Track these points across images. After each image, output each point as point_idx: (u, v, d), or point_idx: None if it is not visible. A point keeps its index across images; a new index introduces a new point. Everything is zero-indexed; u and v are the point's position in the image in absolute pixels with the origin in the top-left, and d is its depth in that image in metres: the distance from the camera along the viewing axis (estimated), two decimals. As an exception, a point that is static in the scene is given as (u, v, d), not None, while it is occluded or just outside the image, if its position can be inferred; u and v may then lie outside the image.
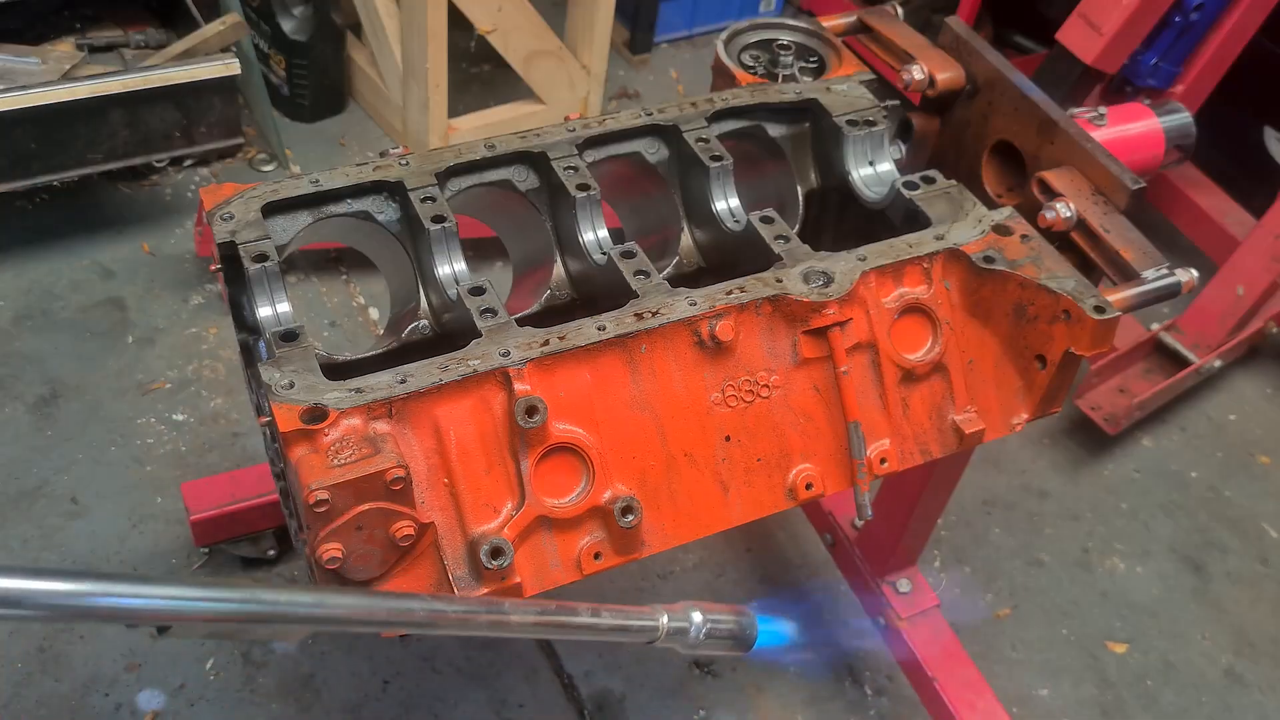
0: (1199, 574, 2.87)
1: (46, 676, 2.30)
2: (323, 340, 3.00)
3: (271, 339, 1.39)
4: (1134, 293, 1.63)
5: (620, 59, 4.18)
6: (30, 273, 3.07)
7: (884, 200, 1.75)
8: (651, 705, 2.43)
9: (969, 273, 1.61)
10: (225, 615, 0.89)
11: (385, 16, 3.38)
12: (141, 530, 2.56)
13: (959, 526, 2.88)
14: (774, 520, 2.80)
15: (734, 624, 1.13)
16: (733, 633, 1.13)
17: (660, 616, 1.08)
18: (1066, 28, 2.91)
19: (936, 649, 2.31)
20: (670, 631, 1.09)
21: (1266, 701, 2.63)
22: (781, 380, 1.52)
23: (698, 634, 1.10)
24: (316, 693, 2.35)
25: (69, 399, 2.78)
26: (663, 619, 1.09)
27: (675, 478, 1.47)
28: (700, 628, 1.10)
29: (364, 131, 3.69)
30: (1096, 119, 2.03)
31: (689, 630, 1.10)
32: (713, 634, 1.12)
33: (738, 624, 1.14)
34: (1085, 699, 2.58)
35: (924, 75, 1.91)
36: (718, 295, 1.48)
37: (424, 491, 1.35)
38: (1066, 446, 3.11)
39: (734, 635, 1.13)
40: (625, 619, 1.06)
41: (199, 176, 3.41)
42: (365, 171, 1.60)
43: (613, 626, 1.07)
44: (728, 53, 1.94)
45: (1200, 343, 3.13)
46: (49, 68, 3.01)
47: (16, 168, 2.79)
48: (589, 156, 1.73)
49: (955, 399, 1.62)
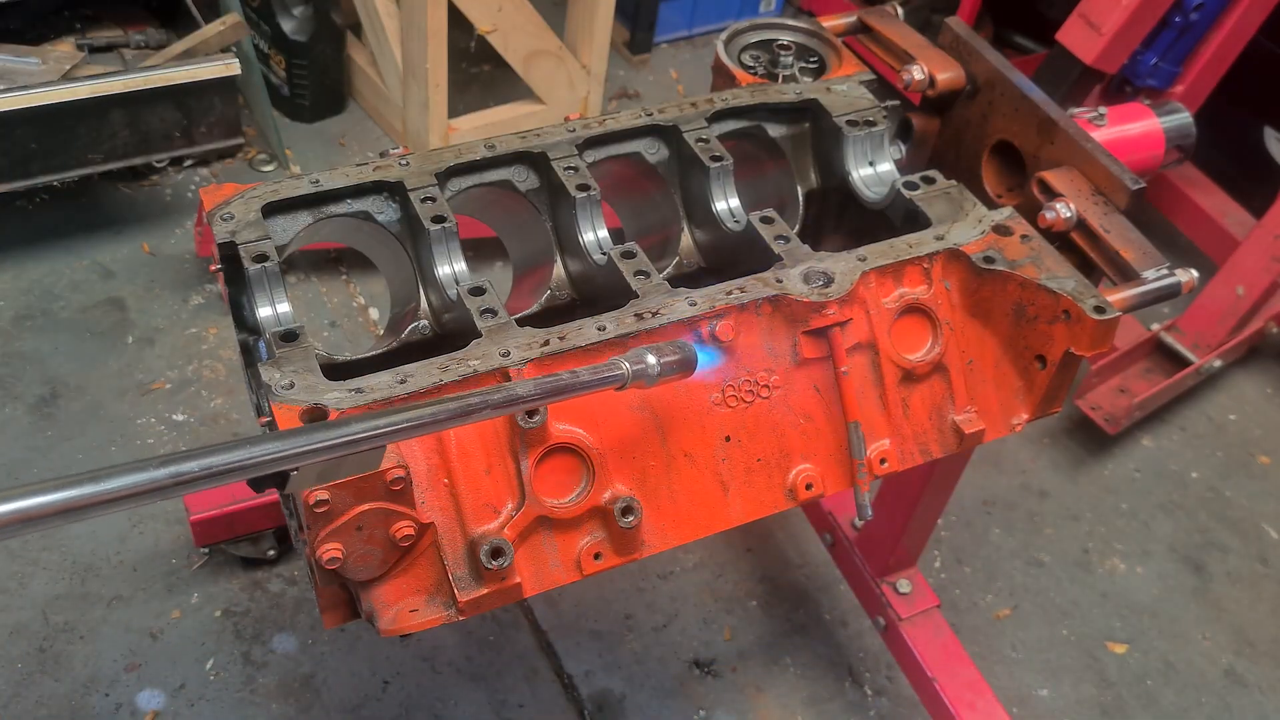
0: (1199, 574, 2.87)
1: (46, 676, 2.30)
2: (323, 340, 3.00)
3: (271, 339, 1.39)
4: (1134, 293, 1.63)
5: (620, 59, 4.18)
6: (30, 273, 3.07)
7: (884, 200, 1.75)
8: (651, 705, 2.43)
9: (969, 273, 1.61)
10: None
11: (385, 16, 3.38)
12: (141, 530, 2.56)
13: (959, 526, 2.88)
14: (774, 520, 2.80)
15: (679, 357, 1.32)
16: (679, 362, 1.32)
17: (623, 365, 1.27)
18: (1066, 28, 2.91)
19: (936, 649, 2.31)
20: (633, 374, 1.27)
21: (1266, 701, 2.63)
22: (781, 380, 1.52)
23: (654, 372, 1.29)
24: (316, 693, 2.35)
25: (69, 399, 2.78)
26: (625, 366, 1.27)
27: (675, 478, 1.47)
28: (655, 367, 1.29)
29: (364, 131, 3.69)
30: (1096, 119, 2.03)
31: (646, 370, 1.28)
32: (665, 367, 1.30)
33: (682, 356, 1.32)
34: (1085, 699, 2.58)
35: (924, 75, 1.91)
36: (718, 295, 1.48)
37: (424, 492, 1.35)
38: (1066, 446, 3.11)
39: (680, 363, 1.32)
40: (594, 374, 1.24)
41: (199, 177, 3.41)
42: (365, 172, 1.60)
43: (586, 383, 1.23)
44: (728, 53, 1.94)
45: (1200, 342, 3.13)
46: (49, 68, 3.01)
47: (17, 168, 2.79)
48: (589, 157, 1.73)
49: (955, 399, 1.62)
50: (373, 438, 1.03)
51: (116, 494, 0.86)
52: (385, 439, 1.04)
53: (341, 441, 1.01)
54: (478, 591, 1.36)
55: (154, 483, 0.88)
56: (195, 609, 2.45)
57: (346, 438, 1.01)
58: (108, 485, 0.86)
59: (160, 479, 0.88)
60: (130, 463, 0.89)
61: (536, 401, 1.19)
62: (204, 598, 2.47)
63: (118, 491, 0.86)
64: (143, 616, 2.42)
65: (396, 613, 1.36)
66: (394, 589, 1.36)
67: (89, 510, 0.85)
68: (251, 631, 2.43)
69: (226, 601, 2.47)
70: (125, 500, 0.87)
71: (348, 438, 1.01)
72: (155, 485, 0.88)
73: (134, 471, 0.87)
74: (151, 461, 0.89)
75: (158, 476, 0.88)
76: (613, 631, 2.54)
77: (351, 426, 1.02)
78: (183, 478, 0.90)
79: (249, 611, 2.46)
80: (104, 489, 0.86)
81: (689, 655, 2.53)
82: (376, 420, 1.04)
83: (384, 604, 1.36)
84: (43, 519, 0.83)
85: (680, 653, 2.53)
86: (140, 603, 2.44)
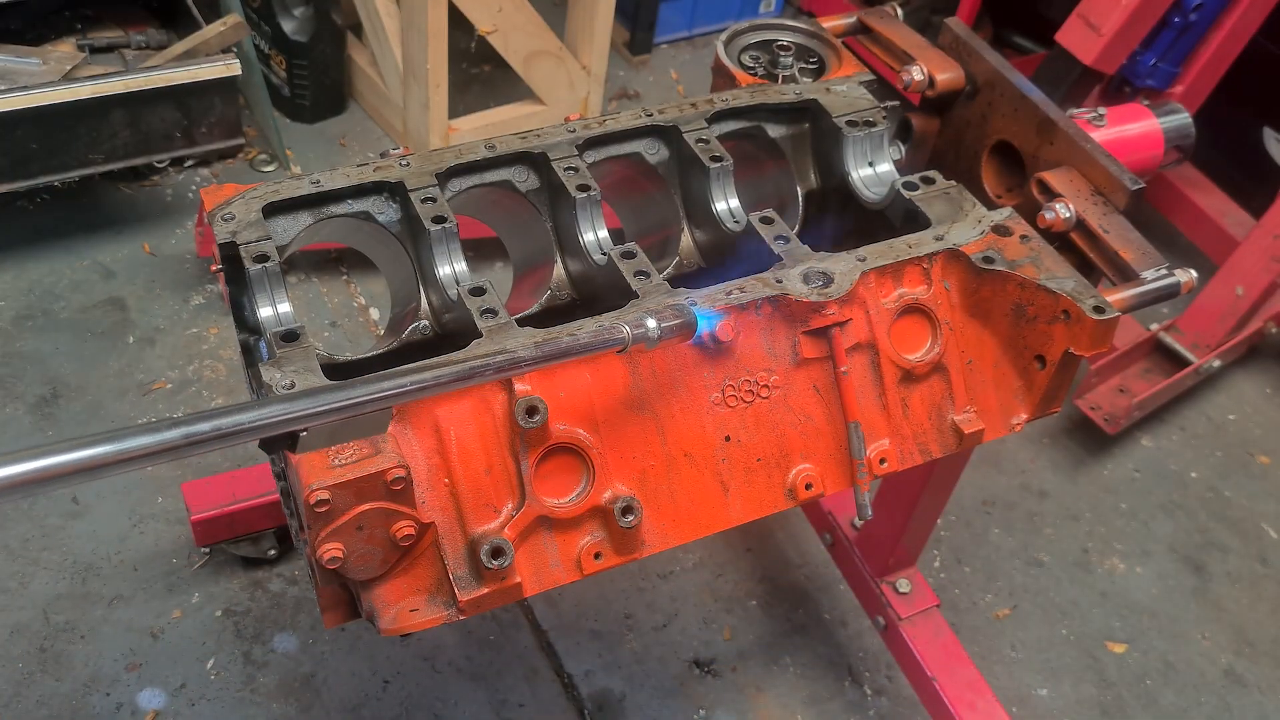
0: (1199, 574, 2.88)
1: (47, 676, 2.31)
2: (323, 340, 3.01)
3: (272, 339, 1.39)
4: (1133, 293, 1.63)
5: (620, 59, 4.18)
6: (31, 273, 3.07)
7: (884, 201, 1.75)
8: (651, 705, 2.43)
9: (968, 273, 1.61)
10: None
11: (385, 17, 3.38)
12: (142, 530, 2.56)
13: (959, 526, 2.88)
14: (774, 520, 2.80)
15: (679, 320, 1.33)
16: (679, 325, 1.33)
17: (624, 328, 1.28)
18: (1066, 28, 2.91)
19: (936, 649, 2.31)
20: (634, 337, 1.29)
21: (1266, 701, 2.63)
22: (781, 380, 1.52)
23: (655, 335, 1.30)
24: (316, 692, 2.35)
25: (70, 399, 2.78)
26: (626, 330, 1.28)
27: (675, 478, 1.47)
28: (655, 329, 1.30)
29: (364, 132, 3.69)
30: (1096, 119, 2.03)
31: (647, 333, 1.29)
32: (665, 330, 1.31)
33: (682, 320, 1.33)
34: (1085, 699, 2.58)
35: (923, 76, 1.92)
36: (718, 295, 1.48)
37: (424, 491, 1.35)
38: (1066, 446, 3.12)
39: (680, 326, 1.33)
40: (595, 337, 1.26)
41: (200, 177, 3.42)
42: (366, 172, 1.60)
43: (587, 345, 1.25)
44: (728, 53, 1.94)
45: (1199, 342, 3.14)
46: (50, 68, 3.01)
47: (17, 168, 2.79)
48: (589, 157, 1.73)
49: (955, 399, 1.62)
50: (380, 399, 1.07)
51: (133, 453, 0.90)
52: (392, 400, 1.09)
53: (350, 403, 1.05)
54: (478, 591, 1.36)
55: (167, 443, 0.92)
56: (196, 609, 2.45)
57: (355, 399, 1.05)
58: (125, 445, 0.89)
59: (173, 439, 0.92)
60: (145, 424, 0.92)
61: (538, 364, 1.22)
62: (205, 597, 2.47)
63: (134, 451, 0.90)
64: (143, 616, 2.42)
65: (397, 612, 1.36)
66: (394, 589, 1.37)
67: (106, 469, 0.89)
68: (252, 631, 2.43)
69: (227, 601, 2.47)
70: (140, 459, 0.90)
71: (356, 399, 1.06)
72: (168, 445, 0.92)
73: (149, 432, 0.91)
74: (165, 423, 0.93)
75: (171, 437, 0.92)
76: (613, 631, 2.54)
77: (359, 389, 1.06)
78: (195, 437, 0.93)
79: (249, 611, 2.46)
80: (121, 448, 0.89)
81: (689, 655, 2.53)
82: (383, 383, 1.08)
83: (384, 604, 1.37)
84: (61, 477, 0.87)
85: (680, 652, 2.53)
86: (141, 602, 2.44)
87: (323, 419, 1.03)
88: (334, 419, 1.05)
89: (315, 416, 1.02)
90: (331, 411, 1.04)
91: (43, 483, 0.86)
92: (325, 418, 1.03)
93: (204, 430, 0.94)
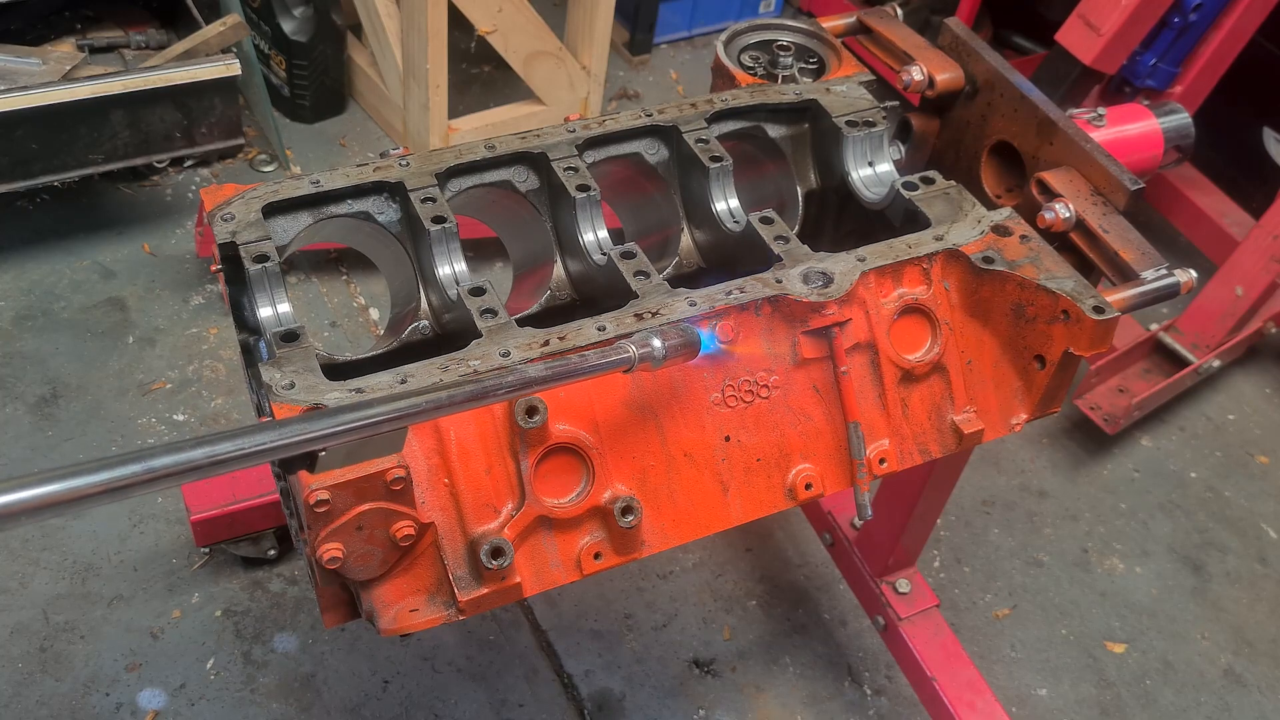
0: (1198, 574, 2.88)
1: (47, 676, 2.31)
2: (323, 340, 3.01)
3: (272, 339, 1.39)
4: (1133, 293, 1.63)
5: (620, 59, 4.18)
6: (31, 273, 3.07)
7: (883, 201, 1.75)
8: (651, 705, 2.44)
9: (968, 273, 1.61)
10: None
11: (385, 17, 3.38)
12: (142, 530, 2.56)
13: (959, 526, 2.88)
14: (774, 520, 2.80)
15: (683, 340, 1.35)
16: (684, 344, 1.35)
17: (629, 348, 1.30)
18: (1066, 28, 2.91)
19: (936, 648, 2.31)
20: (639, 357, 1.30)
21: (1266, 701, 2.64)
22: (781, 380, 1.52)
23: (660, 355, 1.32)
24: (317, 692, 2.35)
25: (70, 399, 2.78)
26: (631, 349, 1.30)
27: (675, 478, 1.47)
28: (660, 349, 1.32)
29: (364, 132, 3.69)
30: (1095, 119, 2.03)
31: (652, 353, 1.31)
32: (670, 350, 1.33)
33: (685, 339, 1.36)
34: (1084, 699, 2.58)
35: (923, 76, 1.92)
36: (718, 295, 1.49)
37: (424, 491, 1.35)
38: (1066, 446, 3.12)
39: (684, 345, 1.35)
40: (602, 358, 1.28)
41: (200, 177, 3.42)
42: (366, 172, 1.60)
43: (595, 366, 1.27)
44: (727, 53, 1.94)
45: (1199, 343, 3.14)
46: (50, 68, 3.01)
47: (17, 168, 2.79)
48: (589, 157, 1.73)
49: (954, 399, 1.62)
50: (398, 419, 1.09)
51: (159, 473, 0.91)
52: (409, 420, 1.10)
53: (368, 422, 1.07)
54: (478, 591, 1.36)
55: (192, 462, 0.93)
56: (196, 609, 2.45)
57: (373, 419, 1.08)
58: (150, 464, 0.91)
59: (197, 459, 0.94)
60: (167, 444, 0.93)
61: (549, 385, 1.23)
62: (205, 597, 2.47)
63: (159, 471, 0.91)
64: (143, 616, 2.42)
65: (397, 612, 1.37)
66: (394, 589, 1.37)
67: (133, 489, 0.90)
68: (252, 631, 2.43)
69: (227, 601, 2.47)
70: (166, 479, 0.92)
71: (374, 419, 1.08)
72: (193, 464, 0.93)
73: (172, 452, 0.92)
74: (188, 443, 0.94)
75: (195, 456, 0.93)
76: (613, 631, 2.54)
77: (377, 408, 1.08)
78: (218, 457, 0.95)
79: (249, 611, 2.46)
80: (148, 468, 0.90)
81: (689, 655, 2.53)
82: (400, 402, 1.10)
83: (384, 604, 1.37)
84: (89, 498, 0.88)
85: (680, 652, 2.53)
86: (141, 602, 2.44)
87: (342, 439, 1.06)
88: (353, 438, 1.07)
89: (335, 436, 1.04)
90: (351, 431, 1.06)
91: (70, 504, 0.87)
92: (344, 437, 1.06)
93: (227, 450, 0.96)
